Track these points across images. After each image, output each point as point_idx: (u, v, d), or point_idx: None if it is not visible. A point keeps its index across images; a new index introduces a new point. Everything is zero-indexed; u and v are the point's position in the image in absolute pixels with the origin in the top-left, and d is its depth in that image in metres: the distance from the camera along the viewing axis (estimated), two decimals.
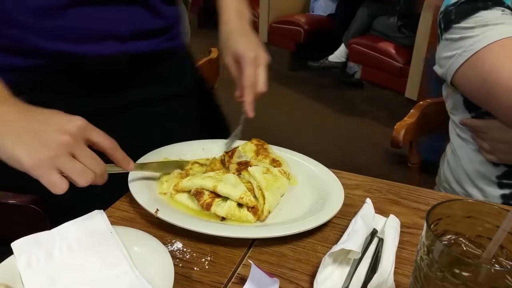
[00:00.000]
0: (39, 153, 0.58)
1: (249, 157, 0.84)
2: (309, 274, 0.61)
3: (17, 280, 0.56)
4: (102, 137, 0.64)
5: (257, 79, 0.84)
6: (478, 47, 0.87)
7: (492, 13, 0.87)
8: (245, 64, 0.83)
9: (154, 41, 0.88)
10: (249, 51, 0.84)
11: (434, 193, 0.83)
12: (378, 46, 3.64)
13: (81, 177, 0.60)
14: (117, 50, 0.82)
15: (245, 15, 0.93)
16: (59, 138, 0.58)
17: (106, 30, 0.80)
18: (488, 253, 0.44)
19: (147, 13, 0.85)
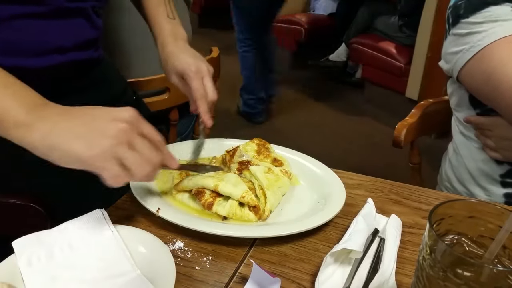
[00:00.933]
0: (99, 143, 0.56)
1: (251, 157, 0.84)
2: (311, 273, 0.61)
3: (18, 279, 0.56)
4: (153, 129, 0.62)
5: (206, 89, 0.86)
6: (486, 42, 0.85)
7: (501, 9, 0.86)
8: (189, 79, 0.86)
9: (88, 51, 0.91)
10: (189, 66, 0.87)
11: (436, 193, 0.83)
12: (379, 45, 3.64)
13: (140, 167, 0.58)
14: (59, 61, 0.83)
15: (180, 35, 0.96)
16: (117, 126, 0.57)
17: (52, 43, 0.81)
18: (491, 253, 0.44)
19: (86, 25, 0.87)
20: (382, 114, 3.49)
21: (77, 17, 0.84)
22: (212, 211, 0.70)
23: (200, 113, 0.86)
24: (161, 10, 0.98)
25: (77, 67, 0.89)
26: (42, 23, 0.78)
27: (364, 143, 3.11)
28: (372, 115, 3.53)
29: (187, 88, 0.88)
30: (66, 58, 0.84)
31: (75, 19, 0.84)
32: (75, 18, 0.84)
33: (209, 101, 0.87)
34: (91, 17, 0.87)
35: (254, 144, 0.87)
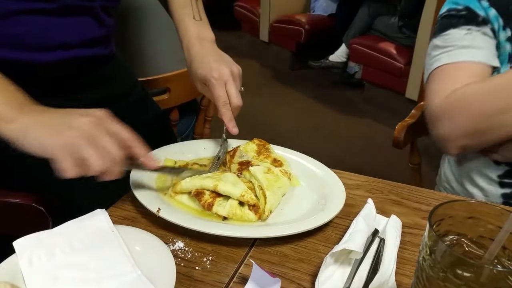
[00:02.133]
0: (62, 133, 0.61)
1: (251, 157, 0.84)
2: (311, 274, 0.61)
3: (19, 278, 0.56)
4: (124, 129, 0.65)
5: (229, 96, 0.83)
6: (432, 68, 0.94)
7: (457, 33, 0.91)
8: (211, 86, 0.84)
9: (95, 48, 0.91)
10: (211, 72, 0.84)
11: (436, 193, 0.83)
12: (378, 46, 3.64)
13: (98, 161, 0.60)
14: (64, 57, 0.84)
15: (206, 36, 0.94)
16: (83, 119, 0.62)
17: (56, 39, 0.82)
18: (490, 254, 0.44)
19: (93, 23, 0.88)
20: (382, 114, 3.49)
21: (83, 15, 0.85)
22: (212, 211, 0.70)
23: (224, 121, 0.83)
24: (187, 11, 0.96)
25: (84, 64, 0.90)
26: (48, 19, 0.79)
27: (364, 143, 3.11)
28: (372, 115, 3.53)
29: (212, 95, 0.86)
30: (71, 54, 0.85)
31: (81, 17, 0.84)
32: (81, 16, 0.84)
33: (233, 107, 0.83)
34: (99, 16, 0.88)
35: (254, 145, 0.87)
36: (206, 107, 1.52)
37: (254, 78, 4.31)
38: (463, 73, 0.88)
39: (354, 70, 4.13)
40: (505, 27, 0.90)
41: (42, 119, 0.63)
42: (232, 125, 0.83)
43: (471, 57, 0.89)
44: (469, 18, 0.91)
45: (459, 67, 0.89)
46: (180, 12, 0.96)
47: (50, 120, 0.63)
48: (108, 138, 0.62)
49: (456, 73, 0.89)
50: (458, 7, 0.94)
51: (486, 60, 0.89)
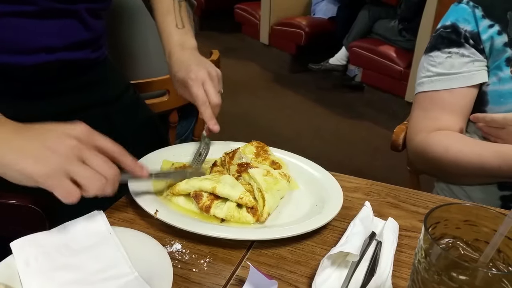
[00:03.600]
0: (49, 161, 0.56)
1: (249, 159, 0.84)
2: (308, 276, 0.62)
3: (15, 279, 0.56)
4: (108, 142, 0.63)
5: (207, 94, 0.85)
6: (417, 90, 1.04)
7: (440, 56, 0.99)
8: (189, 86, 0.86)
9: (83, 52, 0.90)
10: (188, 74, 0.86)
11: (433, 196, 0.83)
12: (378, 49, 3.65)
13: (92, 182, 0.58)
14: (48, 60, 0.83)
15: (188, 44, 0.95)
16: (66, 142, 0.58)
17: (38, 42, 0.81)
18: (485, 257, 0.44)
19: (78, 26, 0.87)
20: (382, 117, 3.50)
21: (67, 18, 0.84)
22: (210, 213, 0.71)
23: (204, 120, 0.85)
24: (169, 19, 0.97)
25: (69, 67, 0.89)
26: (29, 22, 0.78)
27: (363, 146, 3.11)
28: (372, 118, 3.54)
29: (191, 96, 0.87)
30: (55, 57, 0.84)
31: (65, 20, 0.84)
32: (64, 18, 0.83)
33: (212, 105, 0.85)
34: (84, 19, 0.87)
35: (253, 147, 0.87)
36: None
37: (254, 81, 4.32)
38: (440, 105, 0.99)
39: (354, 73, 4.14)
40: (501, 32, 0.92)
41: (19, 144, 0.58)
42: (212, 122, 0.85)
43: (447, 85, 0.98)
44: (451, 39, 0.98)
45: (436, 99, 0.99)
46: (163, 20, 0.98)
47: (29, 146, 0.57)
48: (96, 156, 0.60)
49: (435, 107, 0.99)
50: (447, 24, 1.00)
51: (460, 85, 0.97)
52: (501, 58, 0.92)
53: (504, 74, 0.92)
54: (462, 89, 0.97)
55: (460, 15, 0.98)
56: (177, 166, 0.83)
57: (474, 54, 0.96)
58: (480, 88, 0.97)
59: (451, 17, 1.00)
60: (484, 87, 0.96)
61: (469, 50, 0.96)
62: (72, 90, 0.91)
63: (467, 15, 0.97)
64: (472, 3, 0.97)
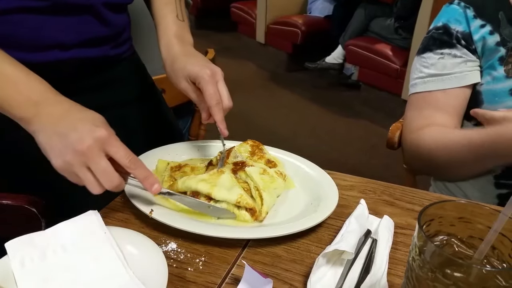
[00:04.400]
0: (59, 159, 0.63)
1: (245, 158, 0.84)
2: (303, 274, 0.62)
3: (10, 280, 0.56)
4: (121, 153, 0.64)
5: (221, 96, 0.80)
6: (410, 91, 1.04)
7: (432, 57, 1.00)
8: (204, 83, 0.78)
9: (101, 48, 0.87)
10: (203, 69, 0.79)
11: (429, 194, 0.83)
12: (375, 47, 3.65)
13: (92, 188, 0.63)
14: (62, 57, 0.81)
15: (188, 40, 0.89)
16: (76, 148, 0.61)
17: (51, 39, 0.79)
18: (480, 254, 0.44)
19: (94, 22, 0.83)
20: (378, 115, 3.50)
21: (82, 14, 0.81)
22: None
23: (216, 122, 0.80)
24: (170, 8, 0.90)
25: (86, 65, 0.87)
26: (42, 18, 0.76)
27: (360, 144, 3.11)
28: (368, 116, 3.54)
29: (198, 94, 0.81)
30: (70, 55, 0.82)
31: (80, 16, 0.81)
32: (79, 14, 0.81)
33: (225, 108, 0.80)
34: (102, 14, 0.83)
35: (248, 145, 0.87)
36: None
37: (251, 80, 4.32)
38: (433, 105, 0.99)
39: (351, 71, 4.14)
40: (493, 32, 0.93)
41: (52, 131, 0.64)
42: (223, 126, 0.80)
43: (440, 86, 0.98)
44: (443, 40, 0.99)
45: (429, 99, 1.00)
46: (163, 8, 0.90)
47: (52, 136, 0.63)
48: (103, 164, 0.62)
49: (428, 106, 1.00)
50: (438, 25, 1.01)
51: (453, 85, 0.97)
52: (494, 58, 0.93)
53: (497, 73, 0.92)
54: (455, 90, 0.97)
55: (451, 15, 0.99)
56: (172, 165, 0.83)
57: (466, 55, 0.96)
58: (474, 88, 0.97)
59: (442, 18, 1.01)
60: (478, 87, 0.96)
61: (461, 51, 0.97)
62: (87, 90, 0.88)
63: (459, 15, 0.98)
64: (463, 3, 0.98)
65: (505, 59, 0.92)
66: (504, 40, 0.92)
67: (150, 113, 1.06)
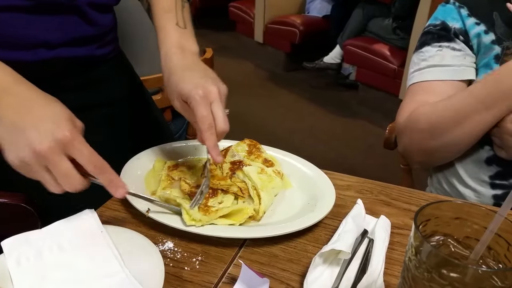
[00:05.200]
0: (16, 157, 0.59)
1: (242, 157, 0.84)
2: (300, 274, 0.62)
3: (6, 278, 0.56)
4: (85, 158, 0.60)
5: (215, 118, 0.71)
6: (407, 85, 1.02)
7: (430, 50, 0.99)
8: (195, 105, 0.71)
9: (86, 48, 0.86)
10: (195, 89, 0.71)
11: (426, 194, 0.83)
12: (373, 47, 3.66)
13: (51, 188, 0.61)
14: (47, 56, 0.80)
15: (189, 46, 0.83)
16: (35, 148, 0.57)
17: (37, 38, 0.78)
18: (476, 254, 0.45)
19: (79, 21, 0.83)
20: (376, 115, 3.50)
21: (67, 13, 0.81)
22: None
23: (207, 148, 0.71)
24: (169, 16, 0.85)
25: (71, 65, 0.86)
26: (26, 17, 0.76)
27: (358, 144, 3.12)
28: (366, 116, 3.54)
29: (191, 114, 0.73)
30: (55, 54, 0.81)
31: (65, 15, 0.81)
32: (64, 14, 0.81)
33: (219, 132, 0.71)
34: (87, 14, 0.83)
35: (245, 145, 0.87)
36: None
37: (248, 79, 4.32)
38: (429, 92, 0.97)
39: (348, 71, 4.14)
40: (487, 31, 0.93)
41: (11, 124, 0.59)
42: (216, 153, 0.71)
43: (437, 76, 0.97)
44: (441, 34, 0.98)
45: (426, 87, 0.98)
46: (162, 17, 0.86)
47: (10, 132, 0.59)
48: (64, 166, 0.59)
49: (423, 92, 0.98)
50: (436, 22, 1.01)
51: (451, 77, 0.96)
52: (490, 56, 0.93)
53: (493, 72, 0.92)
54: (453, 81, 0.96)
55: (448, 14, 1.00)
56: (170, 165, 0.82)
57: (465, 49, 0.96)
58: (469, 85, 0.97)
59: (439, 16, 1.01)
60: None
61: (460, 45, 0.97)
62: (72, 89, 0.87)
63: (454, 14, 0.99)
64: (457, 3, 0.99)
65: (501, 58, 0.92)
66: (500, 39, 0.93)
67: (138, 113, 1.05)
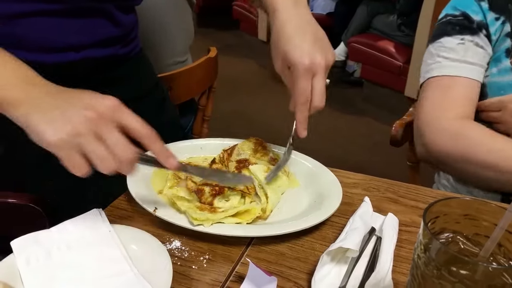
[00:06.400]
0: (62, 130, 0.54)
1: (248, 155, 0.84)
2: (307, 272, 0.61)
3: (16, 278, 0.56)
4: (137, 122, 0.57)
5: (313, 93, 0.70)
6: (425, 77, 0.97)
7: (451, 41, 0.94)
8: (297, 75, 0.69)
9: (111, 48, 0.88)
10: (302, 57, 0.68)
11: (433, 191, 0.83)
12: (377, 44, 3.65)
13: (102, 163, 0.55)
14: (75, 58, 0.82)
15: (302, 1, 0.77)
16: (84, 114, 0.54)
17: (66, 40, 0.80)
18: (486, 251, 0.44)
19: (106, 23, 0.84)
20: (381, 113, 3.49)
21: (95, 16, 0.82)
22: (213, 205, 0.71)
23: (296, 120, 0.72)
24: None
25: (97, 64, 0.87)
26: (58, 20, 0.77)
27: (363, 142, 3.11)
28: (371, 114, 3.53)
29: (291, 81, 0.71)
30: (82, 55, 0.83)
31: (93, 18, 0.82)
32: (93, 16, 0.82)
33: (313, 107, 0.72)
34: (113, 15, 0.84)
35: (251, 143, 0.87)
36: (204, 106, 1.52)
37: (252, 78, 4.31)
38: (452, 89, 0.92)
39: (353, 68, 4.14)
40: (504, 22, 0.91)
41: (45, 108, 0.56)
42: (303, 127, 0.71)
43: (462, 73, 0.92)
44: (464, 25, 0.94)
45: (449, 82, 0.93)
46: None
47: (51, 113, 0.56)
48: (117, 134, 0.55)
49: (447, 89, 0.93)
50: (456, 13, 0.96)
51: (477, 77, 0.93)
52: (501, 49, 0.92)
53: (503, 65, 0.91)
54: (477, 82, 0.93)
55: (468, 6, 0.96)
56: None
57: (487, 46, 0.93)
58: None
59: (458, 6, 0.97)
60: (484, 79, 0.94)
61: (483, 40, 0.93)
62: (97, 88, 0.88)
63: (475, 6, 0.95)
64: None
65: (511, 51, 0.91)
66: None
67: (154, 111, 1.06)
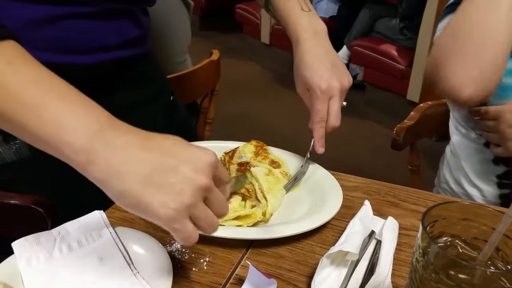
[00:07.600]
0: (175, 202, 0.46)
1: (249, 158, 0.84)
2: (307, 275, 0.62)
3: (17, 279, 0.56)
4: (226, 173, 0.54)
5: (329, 113, 0.79)
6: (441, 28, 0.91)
7: None
8: (315, 97, 0.78)
9: (134, 49, 0.91)
10: (319, 82, 0.77)
11: (433, 195, 0.83)
12: (380, 48, 3.65)
13: (209, 226, 0.50)
14: (104, 59, 0.84)
15: (319, 27, 0.85)
16: (197, 182, 0.47)
17: (95, 42, 0.82)
18: (484, 255, 0.44)
19: (131, 24, 0.87)
20: (383, 116, 3.49)
21: (122, 17, 0.85)
22: None
23: (313, 138, 0.81)
24: (293, 4, 0.86)
25: (122, 65, 0.90)
26: (88, 22, 0.79)
27: (364, 145, 3.11)
28: (374, 117, 3.53)
29: (310, 103, 0.81)
30: (111, 56, 0.85)
31: (120, 20, 0.85)
32: (120, 18, 0.85)
33: (329, 126, 0.80)
34: (137, 17, 0.88)
35: (252, 146, 0.87)
36: (206, 109, 1.53)
37: (255, 81, 4.32)
38: None
39: (356, 72, 4.13)
40: None
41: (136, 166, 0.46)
42: (320, 144, 0.79)
43: None
44: None
45: None
46: (286, 6, 0.86)
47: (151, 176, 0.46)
48: (217, 191, 0.50)
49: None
50: None
51: None
52: None
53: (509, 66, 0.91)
54: None
55: None
56: None
57: None
58: None
59: None
60: None
61: None
62: (120, 87, 0.92)
63: None
64: None
65: None
66: None
67: (167, 109, 1.08)
